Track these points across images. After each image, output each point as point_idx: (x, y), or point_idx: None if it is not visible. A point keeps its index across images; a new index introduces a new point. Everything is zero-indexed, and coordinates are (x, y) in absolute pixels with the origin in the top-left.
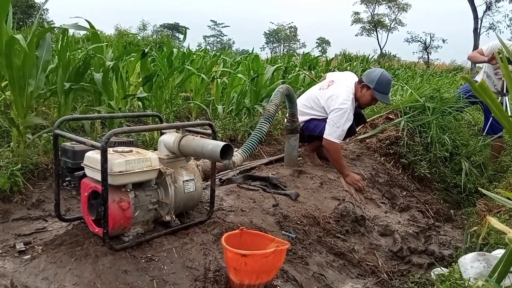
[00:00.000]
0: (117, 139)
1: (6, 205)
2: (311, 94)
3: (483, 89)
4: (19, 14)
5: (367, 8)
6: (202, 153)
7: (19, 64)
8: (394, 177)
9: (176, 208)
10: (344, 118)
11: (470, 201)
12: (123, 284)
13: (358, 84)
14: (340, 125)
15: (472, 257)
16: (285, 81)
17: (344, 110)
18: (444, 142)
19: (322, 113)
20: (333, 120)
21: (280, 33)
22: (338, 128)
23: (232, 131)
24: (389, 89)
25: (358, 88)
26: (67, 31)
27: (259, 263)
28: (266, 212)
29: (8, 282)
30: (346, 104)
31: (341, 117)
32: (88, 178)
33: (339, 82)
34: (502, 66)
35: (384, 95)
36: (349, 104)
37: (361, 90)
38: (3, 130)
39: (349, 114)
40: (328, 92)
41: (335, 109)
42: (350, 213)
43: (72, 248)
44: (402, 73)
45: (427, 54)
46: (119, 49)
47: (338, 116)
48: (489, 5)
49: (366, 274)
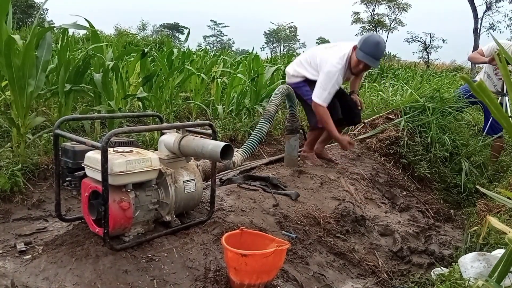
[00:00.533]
0: (118, 139)
1: (6, 205)
2: (314, 52)
3: (481, 89)
4: (19, 14)
5: (367, 8)
6: (202, 153)
7: (19, 64)
8: (394, 177)
9: (176, 208)
10: (332, 81)
11: (470, 201)
12: (124, 284)
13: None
14: (327, 87)
15: (472, 257)
16: (285, 81)
17: (333, 72)
18: (444, 142)
19: (314, 74)
20: (321, 82)
21: (280, 33)
22: (325, 90)
23: (232, 131)
24: (376, 52)
25: (352, 52)
26: (67, 31)
27: (260, 263)
28: (266, 212)
29: (9, 282)
30: (336, 67)
31: (329, 80)
32: (89, 178)
33: (340, 45)
34: (501, 66)
35: (369, 57)
36: (339, 67)
37: (352, 53)
38: (3, 130)
39: (338, 77)
40: (327, 53)
41: (325, 71)
42: (350, 213)
43: (72, 248)
44: (402, 73)
45: (427, 54)
46: (119, 49)
47: (327, 78)
48: (489, 5)
49: (366, 274)
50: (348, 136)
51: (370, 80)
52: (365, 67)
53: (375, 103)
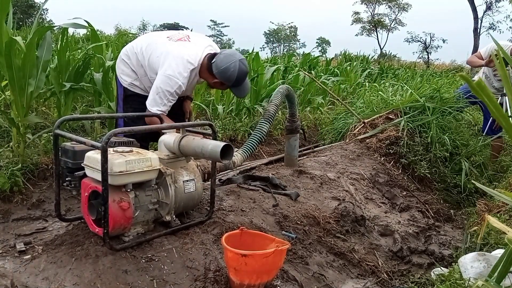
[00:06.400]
0: (117, 139)
1: (6, 205)
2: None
3: (480, 88)
4: (19, 14)
5: (367, 8)
6: (202, 153)
7: (19, 64)
8: (394, 177)
9: (176, 208)
10: (173, 90)
11: (470, 201)
12: (123, 284)
13: (208, 71)
14: (165, 96)
15: (472, 257)
16: (285, 81)
17: (174, 81)
18: (444, 142)
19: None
20: (158, 87)
21: (280, 33)
22: (162, 98)
23: (232, 131)
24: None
25: (207, 74)
26: (66, 31)
27: (260, 263)
28: (266, 212)
29: (9, 282)
30: (182, 76)
31: (170, 87)
32: (88, 178)
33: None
34: (499, 66)
35: (241, 89)
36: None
37: (214, 83)
38: (3, 130)
39: (179, 88)
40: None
41: (166, 75)
42: (350, 213)
43: (72, 248)
44: (402, 73)
45: (427, 54)
46: (119, 49)
47: (167, 84)
48: (489, 5)
49: (366, 274)
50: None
51: (370, 80)
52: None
53: (375, 103)
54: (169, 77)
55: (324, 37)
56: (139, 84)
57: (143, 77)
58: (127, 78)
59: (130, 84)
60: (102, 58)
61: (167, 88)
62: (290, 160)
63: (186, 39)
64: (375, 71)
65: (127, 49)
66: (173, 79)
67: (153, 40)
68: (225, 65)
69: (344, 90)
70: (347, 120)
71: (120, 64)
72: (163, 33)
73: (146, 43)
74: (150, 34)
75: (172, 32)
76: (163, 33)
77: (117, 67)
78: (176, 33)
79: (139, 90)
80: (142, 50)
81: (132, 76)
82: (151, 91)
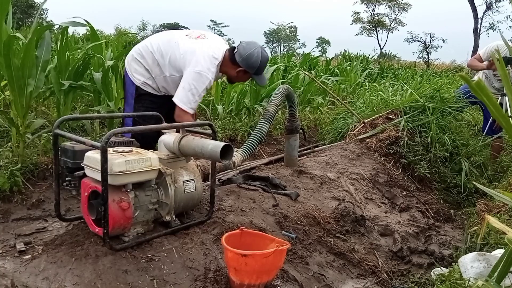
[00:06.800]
0: (117, 139)
1: (6, 205)
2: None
3: (480, 88)
4: (19, 14)
5: (367, 8)
6: (202, 153)
7: (19, 64)
8: (394, 177)
9: (176, 208)
10: (204, 86)
11: (470, 201)
12: (123, 284)
13: (231, 62)
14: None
15: (472, 257)
16: (285, 81)
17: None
18: (444, 142)
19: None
20: (190, 84)
21: (280, 33)
22: (194, 95)
23: (232, 131)
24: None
25: (230, 65)
26: (66, 30)
27: (260, 263)
28: (266, 212)
29: (9, 282)
30: (211, 72)
31: (202, 83)
32: (88, 178)
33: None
34: (499, 66)
35: (262, 77)
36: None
37: (237, 73)
38: (2, 130)
39: (210, 83)
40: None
41: (196, 71)
42: (350, 213)
43: (72, 248)
44: (402, 73)
45: (427, 54)
46: (118, 49)
47: (199, 81)
48: (489, 5)
49: (366, 274)
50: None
51: (370, 80)
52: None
53: (375, 103)
54: (200, 73)
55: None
56: (152, 83)
57: (157, 76)
58: (140, 77)
59: (143, 83)
60: (102, 58)
61: (200, 85)
62: (290, 160)
63: (203, 37)
64: (375, 71)
65: (140, 47)
66: (204, 74)
67: (172, 38)
68: (249, 51)
69: (344, 90)
70: (347, 120)
71: (132, 63)
72: (179, 32)
73: (163, 42)
74: (166, 33)
75: (188, 31)
76: (180, 32)
77: (129, 66)
78: (192, 32)
79: (151, 90)
80: (160, 49)
81: (146, 75)
82: (180, 89)
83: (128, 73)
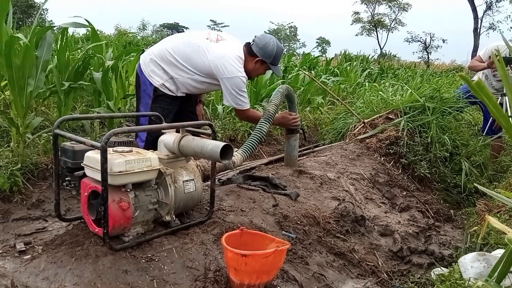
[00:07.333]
0: (117, 139)
1: (6, 205)
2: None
3: (480, 88)
4: (19, 14)
5: (367, 8)
6: (202, 153)
7: (19, 63)
8: (394, 177)
9: (176, 208)
10: (244, 84)
11: (470, 201)
12: (123, 284)
13: (249, 55)
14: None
15: (472, 257)
16: (285, 81)
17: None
18: (444, 142)
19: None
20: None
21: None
22: (242, 95)
23: (232, 131)
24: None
25: (248, 58)
26: (66, 31)
27: (260, 263)
28: (266, 212)
29: (9, 282)
30: (242, 72)
31: (242, 83)
32: (88, 178)
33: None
34: (499, 66)
35: (278, 68)
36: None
37: (255, 63)
38: (2, 130)
39: (245, 79)
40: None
41: (233, 77)
42: (350, 213)
43: (72, 248)
44: (402, 73)
45: (427, 54)
46: (118, 49)
47: (238, 84)
48: (489, 5)
49: (366, 274)
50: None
51: (370, 80)
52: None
53: (375, 103)
54: (238, 77)
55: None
56: (170, 85)
57: (179, 78)
58: (159, 79)
59: (162, 85)
60: (102, 58)
61: (241, 87)
62: (290, 160)
63: (221, 38)
64: (375, 71)
65: (159, 50)
66: (241, 77)
67: (195, 42)
68: (265, 41)
69: (344, 90)
70: (347, 120)
71: (150, 64)
72: (199, 34)
73: (185, 45)
74: (185, 36)
75: (206, 33)
76: (200, 35)
77: (146, 67)
78: (209, 34)
79: (168, 91)
80: (183, 53)
81: (164, 78)
82: (227, 96)
83: (144, 74)
